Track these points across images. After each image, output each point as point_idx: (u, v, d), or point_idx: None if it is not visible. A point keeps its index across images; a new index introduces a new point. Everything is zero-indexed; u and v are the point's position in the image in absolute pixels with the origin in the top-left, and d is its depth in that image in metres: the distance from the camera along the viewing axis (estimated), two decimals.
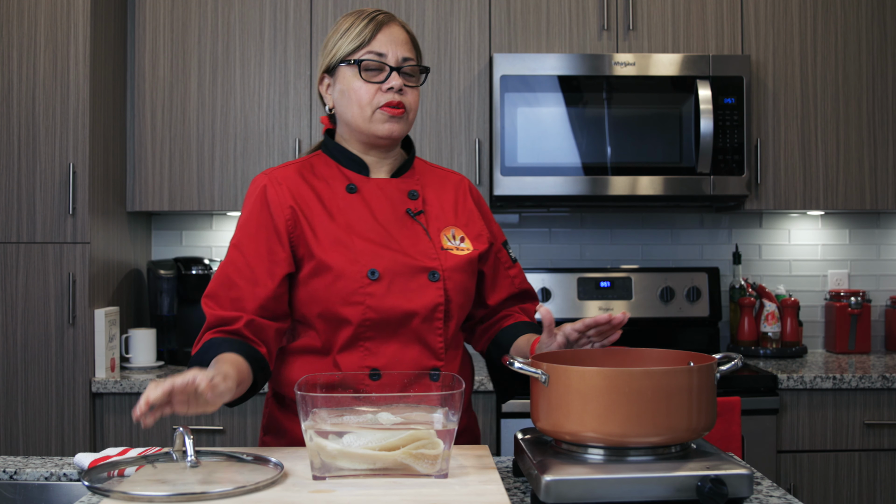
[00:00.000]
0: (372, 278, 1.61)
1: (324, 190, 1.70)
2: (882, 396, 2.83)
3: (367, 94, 1.67)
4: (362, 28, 1.68)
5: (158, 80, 3.09)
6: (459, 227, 1.75)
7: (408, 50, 1.70)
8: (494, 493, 1.29)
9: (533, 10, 3.12)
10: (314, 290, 1.64)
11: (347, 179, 1.72)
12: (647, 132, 3.04)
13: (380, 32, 1.68)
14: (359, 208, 1.69)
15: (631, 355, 1.54)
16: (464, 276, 1.70)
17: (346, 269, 1.62)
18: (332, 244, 1.64)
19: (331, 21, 3.10)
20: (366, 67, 1.67)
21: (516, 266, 1.84)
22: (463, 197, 1.80)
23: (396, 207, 1.71)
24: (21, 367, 2.78)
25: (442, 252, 1.69)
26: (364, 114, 1.68)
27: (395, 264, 1.64)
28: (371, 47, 1.67)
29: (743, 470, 1.27)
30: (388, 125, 1.68)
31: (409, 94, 1.70)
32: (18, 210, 2.80)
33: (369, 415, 1.41)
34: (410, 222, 1.70)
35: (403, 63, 1.68)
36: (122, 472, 1.47)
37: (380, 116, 1.67)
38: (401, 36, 1.70)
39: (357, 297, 1.61)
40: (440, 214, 1.75)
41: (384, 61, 1.67)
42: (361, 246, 1.64)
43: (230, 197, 3.09)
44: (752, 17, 3.15)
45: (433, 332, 1.66)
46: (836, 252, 3.51)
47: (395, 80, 1.67)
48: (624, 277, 3.35)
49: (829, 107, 3.15)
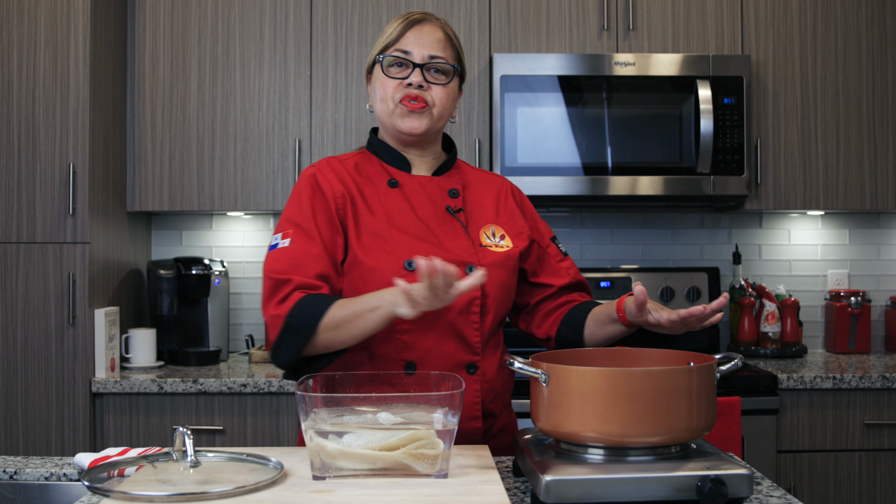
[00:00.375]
0: (409, 269, 1.64)
1: (366, 185, 1.73)
2: (882, 396, 2.83)
3: (390, 88, 1.72)
4: (395, 27, 1.73)
5: (158, 80, 3.09)
6: (500, 225, 1.78)
7: (438, 49, 1.72)
8: (494, 493, 1.29)
9: (533, 10, 3.12)
10: (353, 280, 1.66)
11: (389, 175, 1.76)
12: (647, 132, 3.04)
13: (409, 31, 1.72)
14: (399, 203, 1.72)
15: (631, 355, 1.54)
16: (502, 272, 1.72)
17: (383, 260, 1.64)
18: (371, 236, 1.67)
19: (331, 21, 3.11)
20: (389, 63, 1.72)
21: (568, 259, 1.87)
22: (504, 197, 1.84)
23: (437, 204, 1.74)
24: (21, 367, 2.78)
25: (480, 248, 1.72)
26: (387, 108, 1.73)
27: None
28: (398, 45, 1.72)
29: (743, 470, 1.27)
30: (408, 120, 1.71)
31: (435, 90, 1.72)
32: (18, 210, 2.80)
33: (369, 415, 1.41)
34: (450, 219, 1.73)
35: (430, 60, 1.71)
36: (122, 472, 1.47)
37: (399, 111, 1.71)
38: (432, 36, 1.73)
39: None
40: (480, 213, 1.78)
41: (408, 58, 1.71)
42: (400, 238, 1.67)
43: (230, 197, 3.09)
44: (752, 17, 3.15)
45: (469, 325, 1.67)
46: (836, 252, 3.51)
47: (416, 76, 1.70)
48: (624, 277, 3.34)
49: (829, 107, 3.15)
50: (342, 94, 3.11)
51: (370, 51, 3.09)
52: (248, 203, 3.09)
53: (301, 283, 1.60)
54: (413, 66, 1.71)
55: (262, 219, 3.45)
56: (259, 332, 3.42)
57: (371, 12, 3.11)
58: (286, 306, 1.57)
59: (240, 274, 3.44)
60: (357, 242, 1.67)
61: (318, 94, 3.11)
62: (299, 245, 1.64)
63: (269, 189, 3.09)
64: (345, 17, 3.11)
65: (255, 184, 3.09)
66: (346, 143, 3.10)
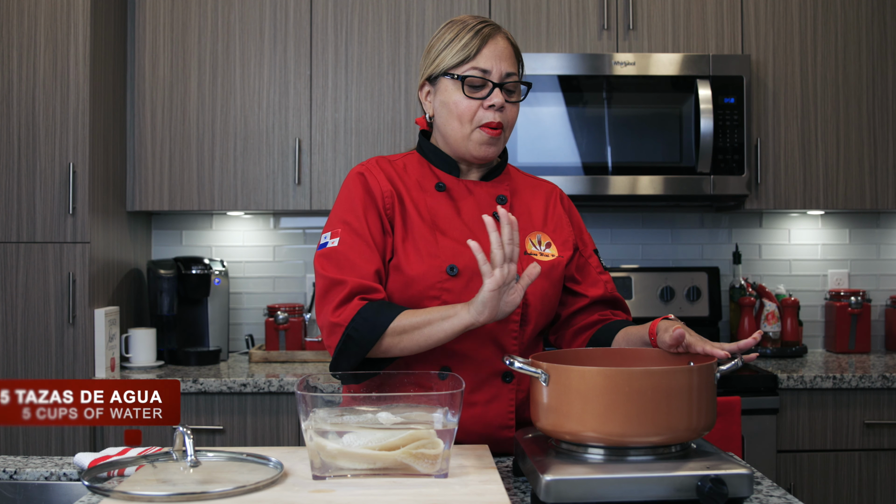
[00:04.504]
0: (451, 274, 1.63)
1: (413, 187, 1.71)
2: (882, 396, 2.83)
3: (469, 110, 1.67)
4: (468, 41, 1.66)
5: (158, 80, 3.09)
6: (547, 233, 1.75)
7: (511, 65, 1.68)
8: (494, 493, 1.29)
9: (533, 10, 3.12)
10: (396, 281, 1.65)
11: (437, 178, 1.73)
12: (647, 132, 3.04)
13: (485, 47, 1.66)
14: (445, 206, 1.70)
15: (631, 355, 1.54)
16: (545, 281, 1.69)
17: (425, 262, 1.63)
18: (415, 238, 1.65)
19: (331, 21, 3.11)
20: (470, 84, 1.66)
21: (607, 274, 1.82)
22: (553, 204, 1.80)
23: (483, 210, 1.71)
24: (21, 367, 2.78)
25: (525, 256, 1.69)
26: (464, 130, 1.68)
27: (476, 263, 1.64)
28: (476, 63, 1.66)
29: (743, 470, 1.27)
30: (484, 148, 1.68)
31: (510, 110, 1.69)
32: (18, 210, 2.80)
33: (369, 414, 1.41)
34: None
35: (506, 79, 1.67)
36: (122, 472, 1.47)
37: (478, 136, 1.67)
38: (505, 50, 1.68)
39: (434, 291, 1.63)
40: (528, 220, 1.75)
41: (488, 78, 1.66)
42: (444, 242, 1.65)
43: (230, 197, 3.09)
44: (752, 17, 3.15)
45: (508, 333, 1.66)
46: (836, 252, 3.51)
47: (497, 97, 1.66)
48: (624, 277, 3.34)
49: (829, 107, 3.15)
50: (342, 94, 3.11)
51: (370, 50, 3.11)
52: (248, 203, 3.09)
53: (357, 286, 1.58)
54: (493, 85, 1.66)
55: (262, 218, 3.45)
56: (258, 332, 3.42)
57: (371, 12, 3.11)
58: (346, 314, 1.56)
59: (240, 274, 3.44)
60: (401, 244, 1.65)
61: (318, 93, 3.11)
62: (351, 244, 1.62)
63: (269, 189, 3.09)
64: (345, 17, 3.11)
65: (255, 183, 3.09)
66: (346, 143, 3.10)
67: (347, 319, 1.55)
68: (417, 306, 1.63)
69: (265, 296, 3.44)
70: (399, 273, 1.65)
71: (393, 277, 1.66)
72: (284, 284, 3.44)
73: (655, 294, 3.33)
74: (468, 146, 1.68)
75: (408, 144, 3.08)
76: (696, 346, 1.43)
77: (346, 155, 3.10)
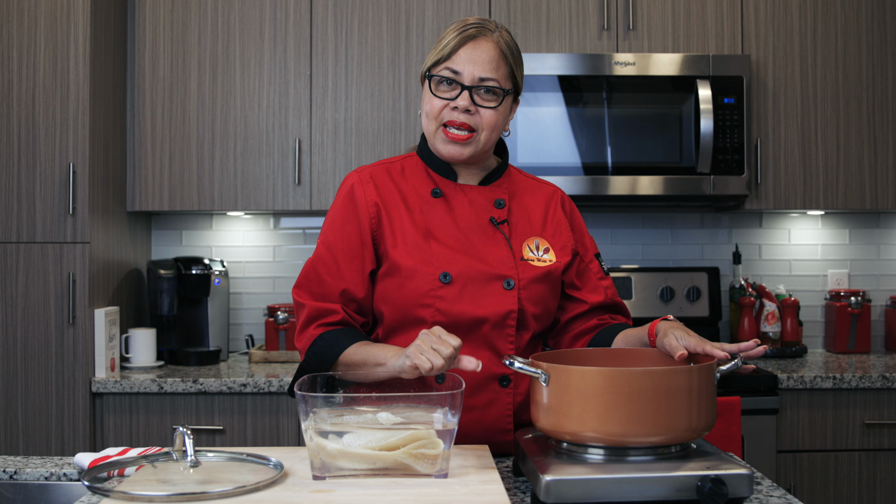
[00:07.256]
0: (444, 282, 1.63)
1: (409, 192, 1.71)
2: (882, 396, 2.83)
3: (436, 108, 1.68)
4: (448, 42, 1.67)
5: (158, 80, 3.09)
6: (545, 238, 1.74)
7: (489, 70, 1.65)
8: (494, 493, 1.29)
9: (533, 10, 3.12)
10: (388, 289, 1.67)
11: (434, 183, 1.73)
12: (647, 132, 3.04)
13: (462, 48, 1.65)
14: (441, 213, 1.70)
15: (631, 355, 1.54)
16: (541, 287, 1.69)
17: (418, 270, 1.64)
18: (408, 245, 1.66)
19: (331, 21, 3.11)
20: (437, 82, 1.67)
21: (608, 279, 1.80)
22: (554, 208, 1.79)
23: (480, 215, 1.71)
24: (21, 367, 2.78)
25: (521, 262, 1.69)
26: (430, 127, 1.70)
27: (470, 270, 1.65)
28: (449, 63, 1.66)
29: (743, 470, 1.27)
30: (450, 147, 1.68)
31: (484, 114, 1.66)
32: (18, 210, 2.80)
33: (369, 415, 1.41)
34: (492, 230, 1.70)
35: (479, 83, 1.65)
36: (122, 472, 1.47)
37: (441, 135, 1.68)
38: (486, 54, 1.66)
39: (428, 299, 1.63)
40: (526, 225, 1.74)
41: (457, 79, 1.66)
42: (438, 250, 1.65)
43: (230, 197, 3.09)
44: (752, 17, 3.15)
45: (504, 339, 1.66)
46: (836, 252, 3.51)
47: (463, 99, 1.65)
48: (624, 277, 3.35)
49: (829, 107, 3.15)
50: (342, 94, 3.11)
51: (370, 50, 3.12)
52: (248, 203, 3.09)
53: (313, 311, 1.66)
54: (462, 87, 1.65)
55: (262, 219, 3.45)
56: (258, 332, 3.42)
57: (371, 12, 3.11)
58: (303, 342, 1.66)
59: (240, 274, 3.44)
60: (394, 250, 1.66)
61: (318, 93, 3.11)
62: (325, 259, 1.69)
63: (269, 189, 3.09)
64: (345, 17, 3.11)
65: (255, 183, 3.09)
66: (346, 143, 3.10)
67: (304, 347, 1.66)
68: (411, 314, 1.65)
69: (265, 296, 3.44)
70: (393, 279, 1.66)
71: (385, 283, 1.67)
72: (284, 284, 3.44)
73: (655, 294, 3.33)
74: (436, 144, 1.70)
75: (408, 144, 3.08)
76: (696, 347, 1.44)
77: (346, 155, 3.10)
